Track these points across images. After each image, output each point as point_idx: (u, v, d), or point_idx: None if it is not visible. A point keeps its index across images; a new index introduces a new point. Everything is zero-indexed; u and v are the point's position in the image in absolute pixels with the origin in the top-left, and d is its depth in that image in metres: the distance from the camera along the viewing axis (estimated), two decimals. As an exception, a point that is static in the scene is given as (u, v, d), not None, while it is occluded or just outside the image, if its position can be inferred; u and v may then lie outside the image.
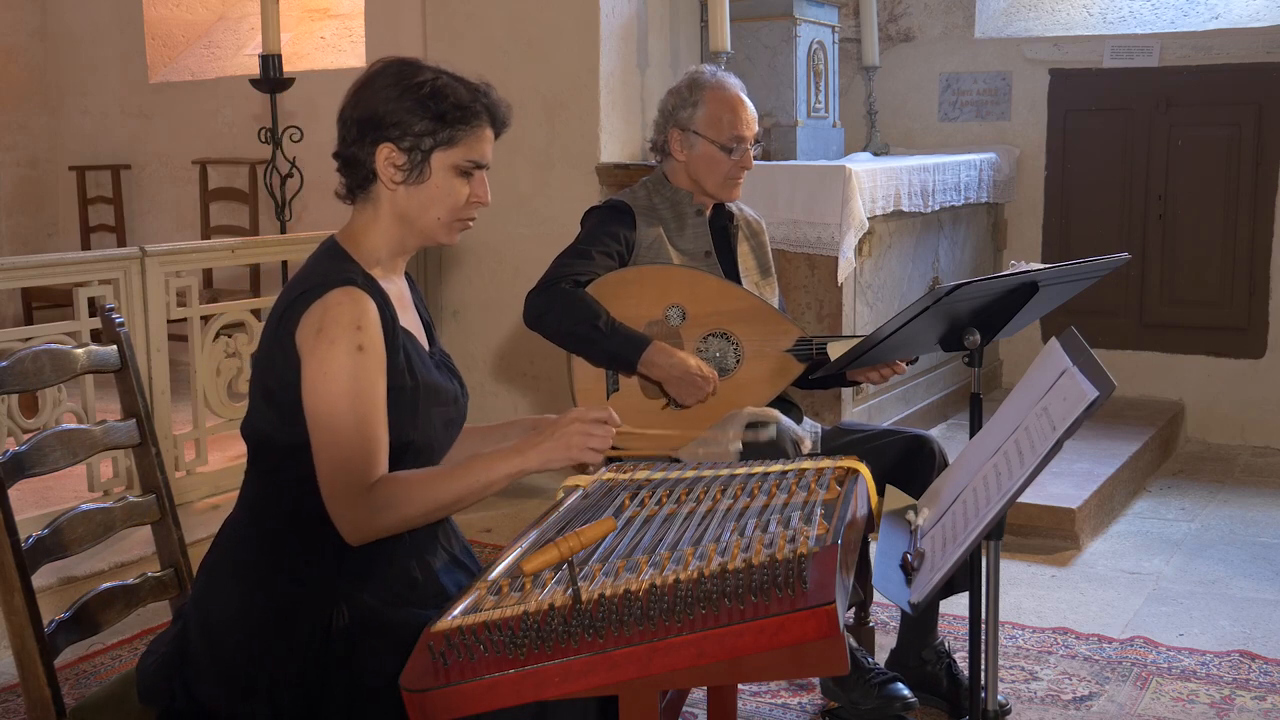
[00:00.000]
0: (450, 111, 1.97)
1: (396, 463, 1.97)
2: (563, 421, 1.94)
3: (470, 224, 2.06)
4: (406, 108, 1.96)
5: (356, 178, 2.02)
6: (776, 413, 2.96)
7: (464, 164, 1.99)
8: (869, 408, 4.74)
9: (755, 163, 3.19)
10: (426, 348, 2.11)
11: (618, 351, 2.94)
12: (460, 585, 2.02)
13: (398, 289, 2.08)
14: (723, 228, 3.20)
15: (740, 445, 2.49)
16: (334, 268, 1.98)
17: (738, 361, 3.03)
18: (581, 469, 2.03)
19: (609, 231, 3.07)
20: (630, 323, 2.97)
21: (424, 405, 2.00)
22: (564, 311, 2.94)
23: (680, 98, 3.14)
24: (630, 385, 3.03)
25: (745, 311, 3.04)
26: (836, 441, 3.06)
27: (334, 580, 1.92)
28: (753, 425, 2.84)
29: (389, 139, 1.97)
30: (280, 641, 1.89)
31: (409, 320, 2.07)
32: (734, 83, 3.15)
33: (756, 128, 3.14)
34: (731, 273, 3.16)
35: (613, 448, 2.00)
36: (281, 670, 1.88)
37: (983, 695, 2.11)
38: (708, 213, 3.16)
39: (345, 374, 1.88)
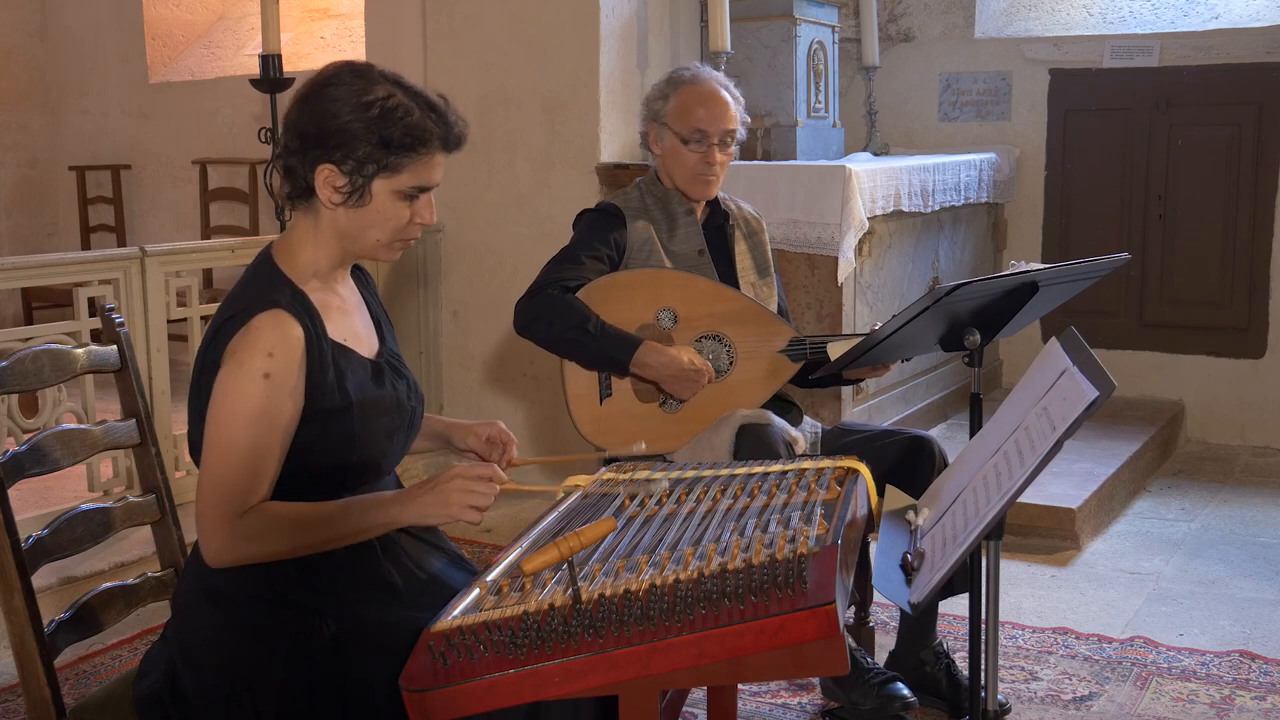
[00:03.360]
0: (398, 138, 1.88)
1: (339, 483, 1.95)
2: (445, 477, 1.87)
3: (411, 243, 2.02)
4: (353, 130, 1.88)
5: (296, 189, 1.95)
6: (769, 414, 2.96)
7: (408, 190, 1.93)
8: (869, 408, 4.74)
9: (755, 163, 3.19)
10: (375, 348, 2.06)
11: (609, 353, 2.93)
12: (460, 580, 2.01)
13: (339, 298, 2.03)
14: (719, 227, 3.19)
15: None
16: (262, 289, 1.93)
17: (731, 363, 3.03)
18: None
19: (598, 236, 3.07)
20: (622, 327, 2.96)
21: (359, 422, 1.95)
22: (553, 317, 2.93)
23: (657, 90, 3.14)
24: (624, 390, 3.03)
25: (737, 313, 3.03)
26: (836, 442, 3.06)
27: (308, 596, 1.90)
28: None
29: (330, 160, 1.89)
30: (260, 661, 1.87)
31: (349, 328, 2.02)
32: (711, 77, 3.10)
33: (734, 125, 3.07)
34: (728, 272, 3.14)
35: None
36: (265, 689, 1.86)
37: (983, 695, 2.11)
38: (699, 212, 3.15)
39: (245, 398, 1.85)
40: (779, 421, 2.94)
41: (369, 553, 1.96)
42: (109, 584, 2.11)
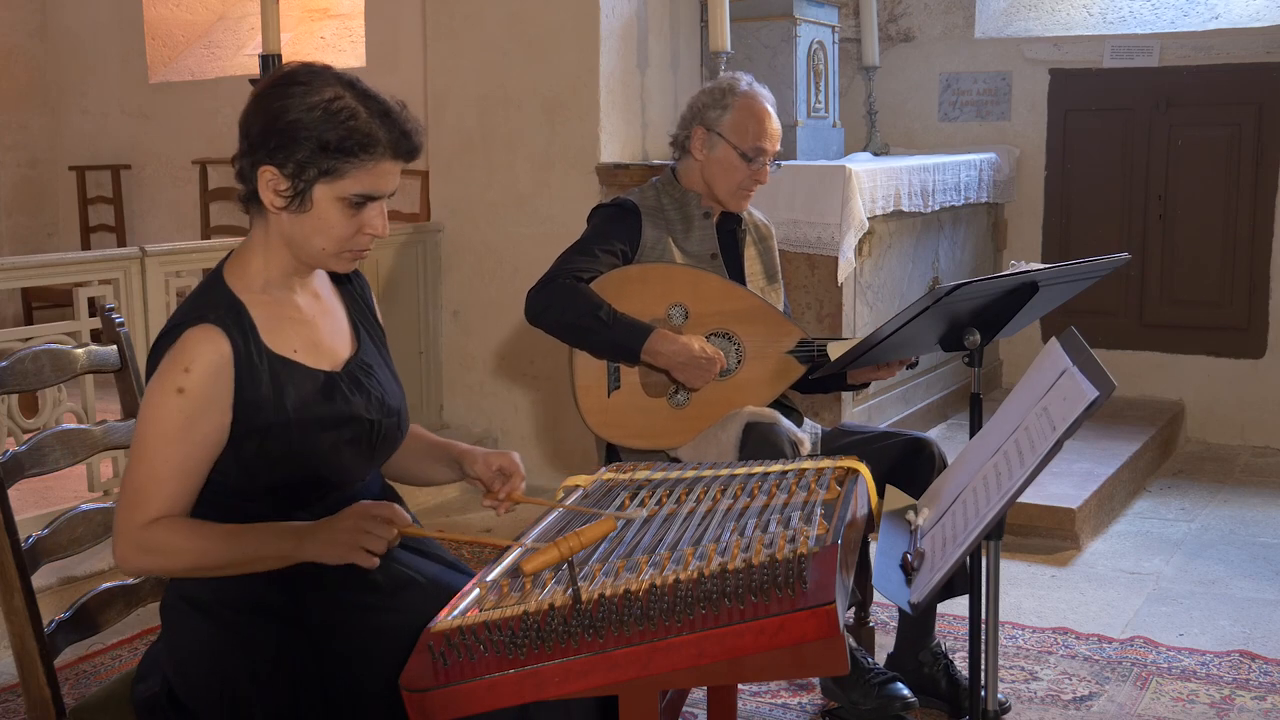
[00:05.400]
0: (339, 141, 1.81)
1: (299, 498, 1.91)
2: (342, 515, 1.82)
3: (364, 254, 1.93)
4: (295, 132, 1.81)
5: (246, 192, 1.90)
6: (776, 413, 2.96)
7: (352, 197, 1.85)
8: (869, 408, 4.74)
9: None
10: (340, 359, 1.99)
11: (620, 341, 2.93)
12: (447, 581, 1.97)
13: (293, 307, 1.96)
14: (731, 231, 3.19)
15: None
16: (198, 304, 1.90)
17: (739, 362, 3.03)
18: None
19: (614, 230, 3.07)
20: None
21: (298, 439, 1.89)
22: (565, 305, 2.94)
23: (712, 97, 3.13)
24: (632, 384, 3.03)
25: (748, 312, 3.04)
26: (836, 443, 3.06)
27: (287, 601, 1.88)
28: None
29: (272, 162, 1.83)
30: (248, 669, 1.86)
31: (304, 338, 1.95)
32: (767, 96, 3.15)
33: (779, 146, 3.13)
34: (737, 277, 3.15)
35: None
36: (255, 695, 1.85)
37: (983, 695, 2.11)
38: (715, 216, 3.16)
39: (155, 411, 1.82)
40: (786, 421, 2.94)
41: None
42: (109, 584, 2.11)
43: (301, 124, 1.82)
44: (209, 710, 1.87)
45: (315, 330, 1.98)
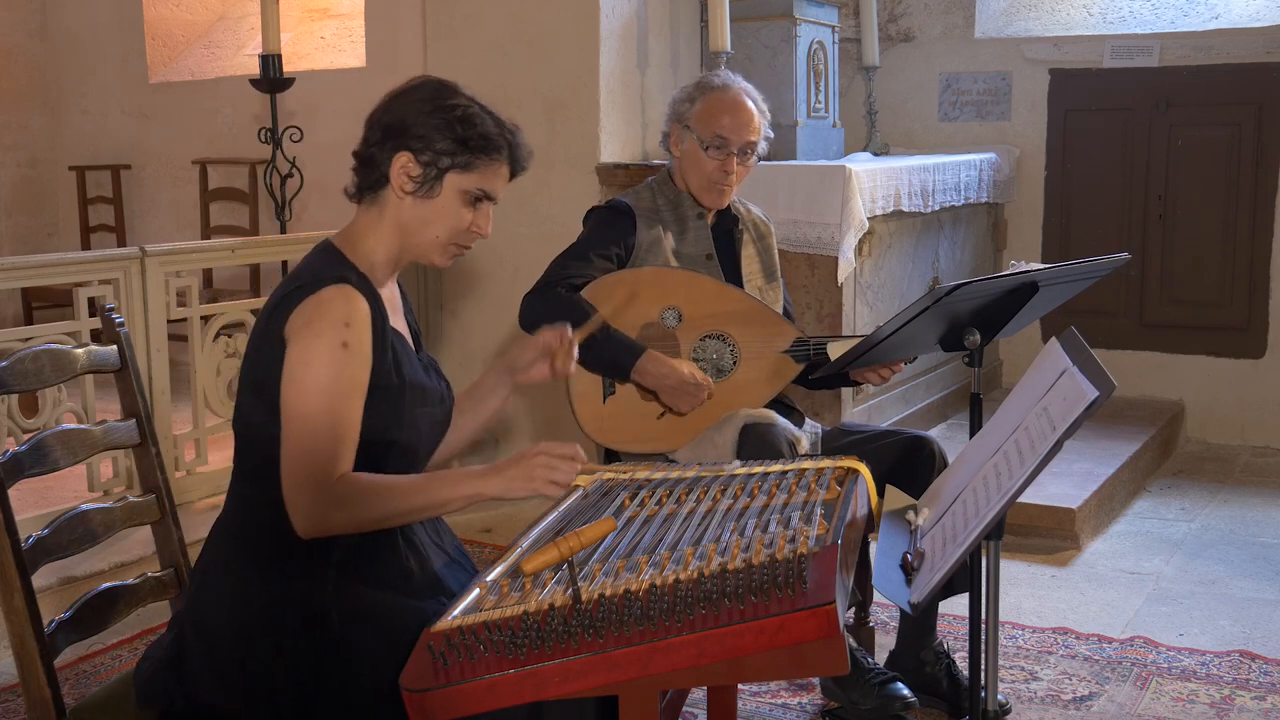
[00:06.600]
0: (475, 139, 2.01)
1: (380, 462, 1.99)
2: (529, 452, 1.94)
3: (464, 251, 2.11)
4: (434, 124, 2.01)
5: (369, 179, 2.05)
6: (773, 414, 2.96)
7: (475, 191, 2.04)
8: (869, 408, 4.74)
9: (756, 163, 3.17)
10: (414, 351, 2.14)
11: (612, 358, 2.93)
12: (458, 581, 2.04)
13: (390, 293, 2.12)
14: (727, 231, 3.18)
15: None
16: (329, 266, 2.01)
17: (734, 363, 3.03)
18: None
19: (608, 234, 3.07)
20: (626, 325, 2.96)
21: (409, 405, 2.03)
22: (558, 316, 2.92)
23: (686, 93, 3.14)
24: (627, 390, 3.03)
25: (742, 313, 3.03)
26: (836, 442, 3.06)
27: (324, 573, 1.94)
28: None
29: (409, 149, 2.01)
30: (273, 637, 1.90)
31: (398, 323, 2.10)
32: (740, 87, 3.11)
33: (756, 137, 3.07)
34: (734, 276, 3.14)
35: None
36: (277, 665, 1.89)
37: (983, 695, 2.11)
38: (710, 215, 3.15)
39: (325, 367, 1.91)
40: (782, 421, 2.94)
41: (391, 541, 2.00)
42: (109, 584, 2.11)
43: (442, 120, 2.02)
44: (227, 671, 1.91)
45: (400, 321, 2.12)
